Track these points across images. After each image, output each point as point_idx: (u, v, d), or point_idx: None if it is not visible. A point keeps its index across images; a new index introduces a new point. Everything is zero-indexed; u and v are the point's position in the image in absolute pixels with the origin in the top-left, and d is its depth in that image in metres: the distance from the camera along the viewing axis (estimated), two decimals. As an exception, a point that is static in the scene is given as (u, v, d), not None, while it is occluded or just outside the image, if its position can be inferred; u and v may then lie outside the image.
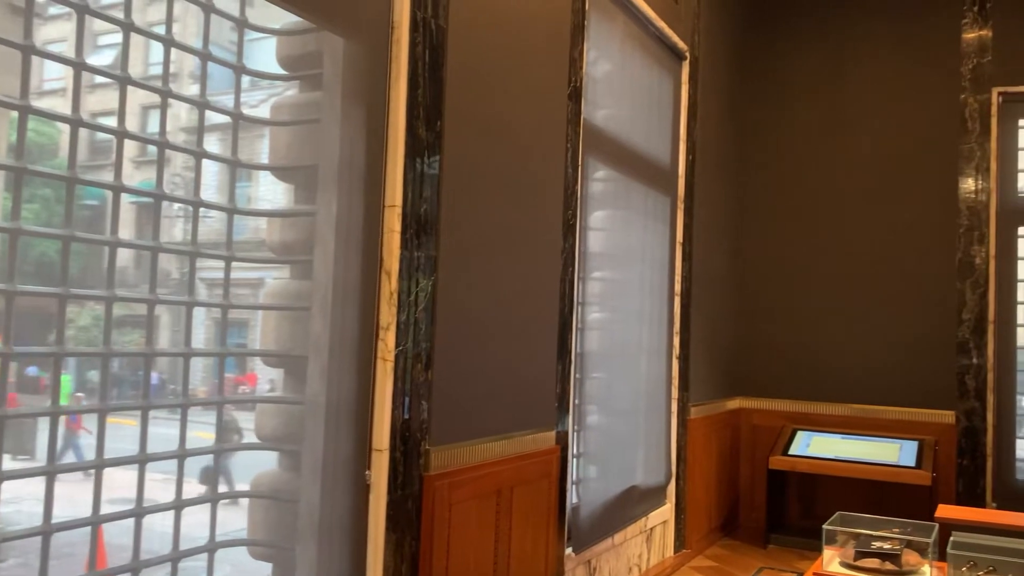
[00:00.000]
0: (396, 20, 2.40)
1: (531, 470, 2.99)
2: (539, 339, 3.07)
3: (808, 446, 4.70)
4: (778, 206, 5.20)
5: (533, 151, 3.01)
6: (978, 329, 4.62)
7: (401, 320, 2.37)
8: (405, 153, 2.39)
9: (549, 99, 3.12)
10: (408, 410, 2.39)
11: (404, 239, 2.38)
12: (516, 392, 2.92)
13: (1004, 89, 4.68)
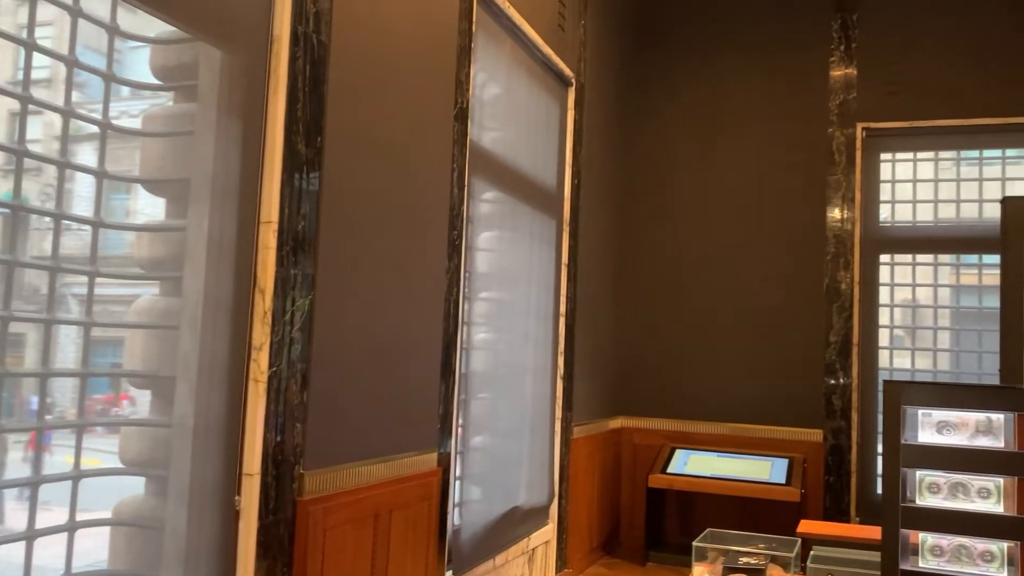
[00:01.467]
0: (276, 34, 2.35)
1: (411, 493, 2.94)
2: (422, 360, 3.04)
3: (686, 464, 4.82)
4: (658, 230, 5.36)
5: (418, 170, 3.00)
6: (843, 351, 4.87)
7: (275, 340, 2.30)
8: (283, 168, 2.33)
9: (435, 119, 3.11)
10: (281, 433, 2.32)
11: (280, 256, 2.32)
12: (397, 414, 2.88)
13: (868, 124, 4.97)
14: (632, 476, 5.15)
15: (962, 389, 2.00)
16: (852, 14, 5.02)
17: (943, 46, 4.87)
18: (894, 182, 5.07)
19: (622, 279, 5.40)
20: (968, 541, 2.00)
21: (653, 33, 5.49)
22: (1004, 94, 4.74)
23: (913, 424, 2.08)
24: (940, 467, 2.02)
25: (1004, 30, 4.77)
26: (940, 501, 2.03)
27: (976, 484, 2.00)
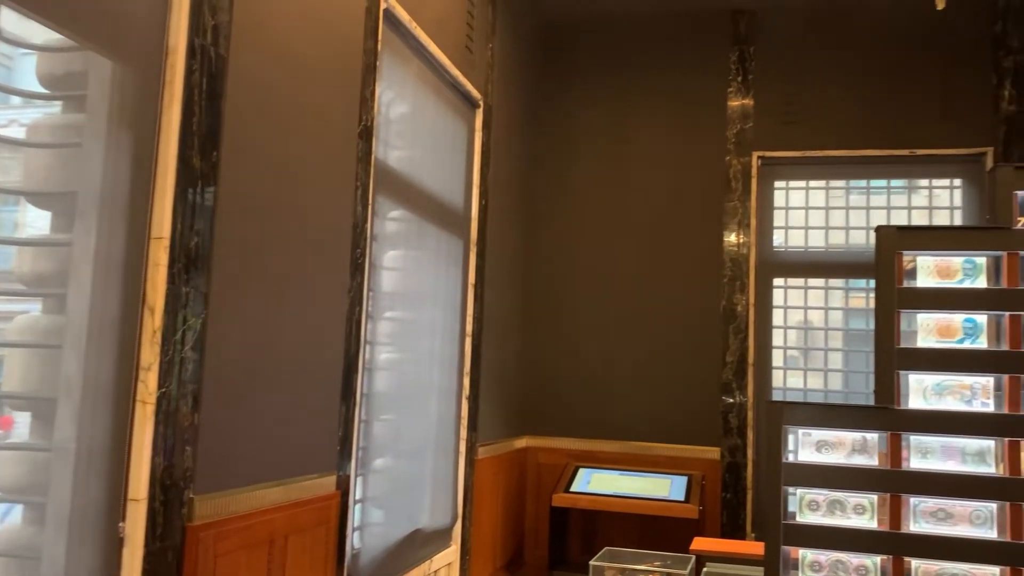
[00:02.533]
0: (171, 45, 2.30)
1: (308, 517, 2.88)
2: (321, 380, 3.00)
3: (589, 483, 4.88)
4: (564, 251, 5.43)
5: (320, 187, 2.96)
6: (739, 371, 5.03)
7: (165, 360, 2.23)
8: (176, 183, 2.27)
9: (339, 136, 3.09)
10: (170, 456, 2.25)
11: (171, 273, 2.25)
12: (294, 436, 2.82)
13: (763, 153, 5.18)
14: (537, 495, 5.18)
15: (838, 409, 2.09)
16: (749, 47, 5.23)
17: (833, 81, 5.12)
18: (787, 209, 5.28)
19: (529, 299, 5.45)
20: (844, 556, 2.09)
21: (560, 58, 5.59)
22: (887, 128, 5.01)
23: (794, 443, 2.16)
24: (819, 485, 2.11)
25: (887, 69, 5.05)
26: (819, 518, 2.12)
27: (852, 501, 2.10)
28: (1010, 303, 2.06)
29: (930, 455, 2.07)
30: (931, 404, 2.09)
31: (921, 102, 4.98)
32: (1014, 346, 2.05)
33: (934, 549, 2.02)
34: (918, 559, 2.04)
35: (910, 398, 2.10)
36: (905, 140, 4.97)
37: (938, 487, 2.04)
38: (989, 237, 2.08)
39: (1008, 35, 4.91)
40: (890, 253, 2.09)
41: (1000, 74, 4.90)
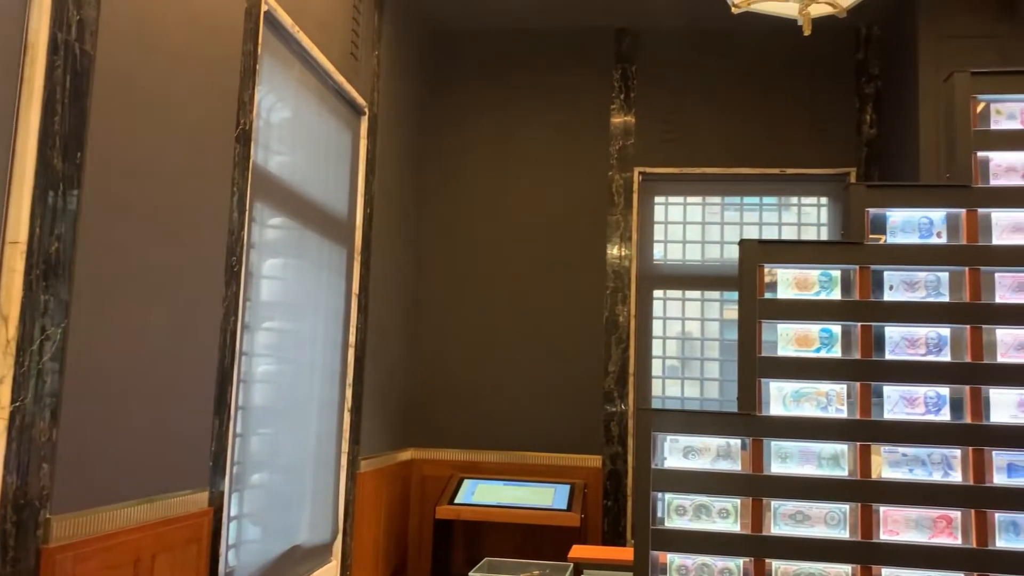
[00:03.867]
0: (31, 40, 2.18)
1: (177, 535, 2.77)
2: (193, 393, 2.89)
3: (473, 494, 4.88)
4: (451, 262, 5.44)
5: (193, 192, 2.86)
6: (621, 380, 5.14)
7: (20, 372, 2.10)
8: (35, 185, 2.15)
9: (214, 140, 3.00)
10: (24, 475, 2.12)
11: (28, 280, 2.13)
12: (163, 451, 2.71)
13: (644, 169, 5.33)
14: (421, 508, 5.14)
15: (704, 416, 2.17)
16: (631, 65, 5.38)
17: (710, 102, 5.33)
18: (667, 223, 5.45)
19: (415, 310, 5.42)
20: (710, 559, 2.16)
21: (447, 68, 5.61)
22: (760, 148, 5.24)
23: (662, 449, 2.23)
24: (686, 490, 2.18)
25: (760, 91, 5.29)
26: (686, 522, 2.19)
27: (717, 505, 2.17)
28: (862, 314, 2.19)
29: (789, 459, 2.17)
30: (790, 411, 2.20)
31: (791, 124, 5.24)
32: (865, 354, 2.17)
33: (792, 550, 2.12)
34: (778, 560, 2.13)
35: (771, 405, 2.20)
36: (776, 160, 5.21)
37: (796, 490, 2.14)
38: (843, 252, 2.21)
39: (869, 63, 5.23)
40: (752, 266, 2.19)
41: (862, 99, 5.22)
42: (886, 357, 2.17)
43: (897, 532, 2.12)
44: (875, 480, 2.13)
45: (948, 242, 2.19)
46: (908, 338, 2.17)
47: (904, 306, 2.17)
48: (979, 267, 2.15)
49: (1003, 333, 2.15)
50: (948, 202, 2.19)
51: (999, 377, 2.12)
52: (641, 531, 2.16)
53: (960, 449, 2.12)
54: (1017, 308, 2.14)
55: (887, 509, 2.13)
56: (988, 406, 2.12)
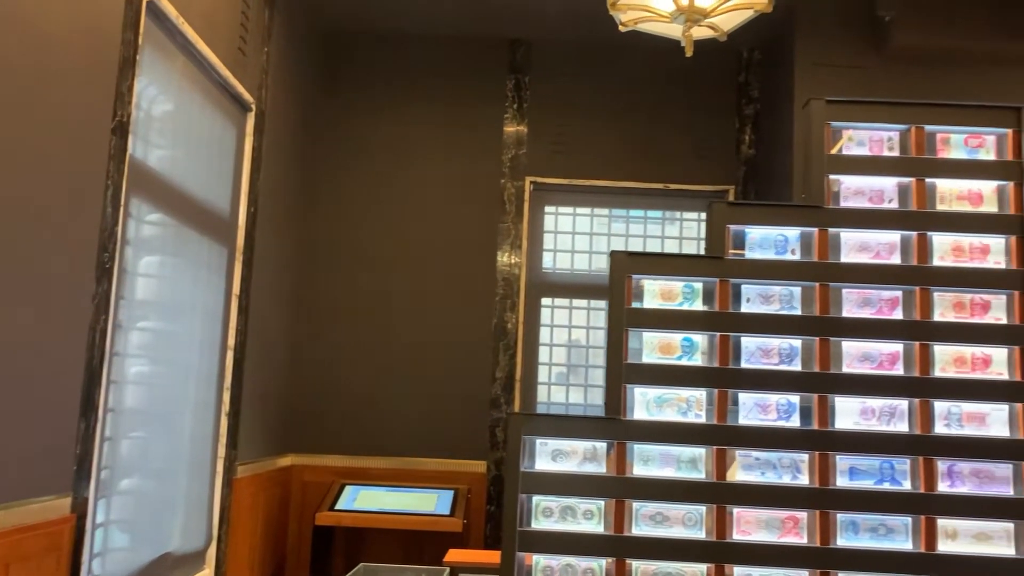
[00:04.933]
0: None
1: (34, 544, 2.64)
2: (56, 394, 2.76)
3: (355, 500, 4.83)
4: (339, 265, 5.38)
5: (63, 184, 2.75)
6: (508, 386, 5.20)
7: None
8: None
9: (88, 131, 2.88)
10: None
11: None
12: (20, 454, 2.58)
13: (535, 178, 5.42)
14: (300, 515, 5.06)
15: (572, 420, 2.24)
16: (524, 76, 5.46)
17: (599, 115, 5.46)
18: (556, 233, 5.55)
19: (299, 313, 5.33)
20: (574, 560, 2.22)
21: (341, 69, 5.56)
22: (646, 162, 5.41)
23: (532, 453, 2.28)
24: (553, 492, 2.23)
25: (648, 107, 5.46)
26: (552, 524, 2.24)
27: (582, 507, 2.24)
28: (720, 325, 2.30)
29: (651, 462, 2.26)
30: (653, 415, 2.28)
31: (676, 141, 5.42)
32: (723, 363, 2.28)
33: (652, 550, 2.20)
34: (638, 560, 2.21)
35: (635, 410, 2.28)
36: (661, 175, 5.38)
37: (657, 492, 2.22)
38: (705, 265, 2.32)
39: (750, 85, 5.47)
40: (621, 276, 2.27)
41: (742, 120, 5.45)
42: (742, 366, 2.29)
43: (749, 532, 2.23)
44: (730, 483, 2.24)
45: (801, 259, 2.33)
46: (763, 348, 2.29)
47: (759, 318, 2.29)
48: (828, 283, 2.30)
49: (848, 345, 2.30)
50: (802, 221, 2.33)
51: (844, 386, 2.27)
52: (508, 533, 2.20)
53: (808, 453, 2.25)
54: (862, 322, 2.29)
55: (740, 510, 2.24)
56: (834, 413, 2.27)
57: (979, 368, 2.27)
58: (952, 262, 2.32)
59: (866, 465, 2.24)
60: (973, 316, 2.30)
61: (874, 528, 2.22)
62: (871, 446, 2.23)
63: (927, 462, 2.22)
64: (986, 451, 2.22)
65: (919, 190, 2.33)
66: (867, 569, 2.19)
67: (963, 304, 2.30)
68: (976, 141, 2.35)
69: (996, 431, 2.25)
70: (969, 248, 2.32)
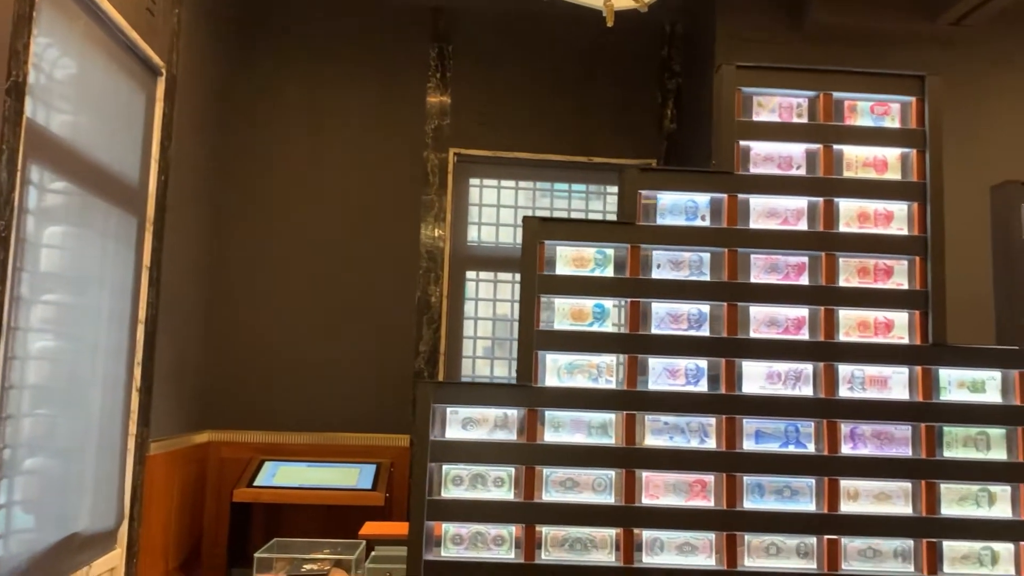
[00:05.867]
0: None
1: (-82, 522, 2.51)
2: (-60, 366, 2.61)
3: (274, 476, 4.74)
4: (256, 237, 5.23)
5: (-59, 146, 2.58)
6: (432, 360, 5.15)
7: None
8: None
9: (-25, 90, 2.71)
10: None
11: None
12: (-102, 429, 2.44)
13: (459, 150, 5.35)
14: (218, 492, 4.94)
15: (482, 387, 2.21)
16: (448, 45, 5.38)
17: (523, 88, 5.41)
18: (481, 206, 5.50)
19: (215, 286, 5.17)
20: (483, 527, 2.20)
21: (258, 34, 5.38)
22: (570, 136, 5.39)
23: (443, 421, 2.25)
24: (463, 460, 2.21)
25: (572, 80, 5.43)
26: (462, 492, 2.22)
27: (492, 474, 2.22)
28: (631, 291, 2.29)
29: (561, 429, 2.25)
30: (564, 382, 2.27)
31: (600, 114, 5.41)
32: (633, 329, 2.28)
33: (561, 516, 2.20)
34: (548, 526, 2.20)
35: (546, 376, 2.27)
36: (585, 148, 5.37)
37: (567, 458, 2.22)
38: (616, 231, 2.31)
39: (672, 60, 5.49)
40: (533, 242, 2.24)
41: (664, 95, 5.47)
42: (652, 332, 2.29)
43: (657, 496, 2.25)
44: (639, 447, 2.24)
45: (711, 225, 2.34)
46: (672, 314, 2.30)
47: (669, 284, 2.30)
48: (737, 249, 2.31)
49: (756, 310, 2.32)
50: (712, 187, 2.34)
51: (751, 351, 2.29)
52: (417, 502, 2.17)
53: (715, 418, 2.27)
54: (769, 287, 2.32)
55: (649, 475, 2.25)
56: (741, 378, 2.29)
57: (882, 332, 2.32)
58: (857, 228, 2.36)
59: (772, 428, 2.27)
60: (877, 281, 2.35)
61: (779, 490, 2.25)
62: (777, 410, 2.26)
63: (831, 425, 2.27)
64: (887, 413, 2.28)
65: (826, 157, 2.36)
66: (772, 530, 2.23)
67: (867, 269, 2.34)
68: (882, 109, 2.39)
69: (897, 394, 2.31)
70: (874, 214, 2.36)
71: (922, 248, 2.33)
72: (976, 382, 2.31)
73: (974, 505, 2.27)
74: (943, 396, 2.31)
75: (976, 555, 2.25)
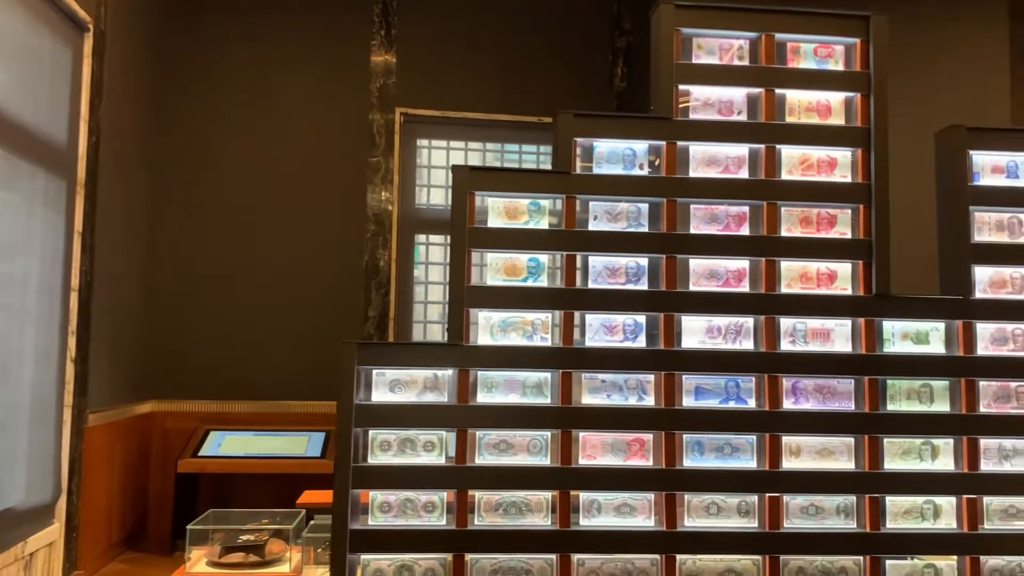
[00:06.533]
0: None
1: None
2: None
3: (220, 446, 4.62)
4: (197, 201, 5.05)
5: None
6: (381, 325, 5.04)
7: None
8: None
9: None
10: None
11: None
12: None
13: (406, 110, 5.19)
14: (162, 463, 4.81)
15: (410, 347, 2.11)
16: (392, 0, 5.19)
17: (473, 46, 5.25)
18: (430, 167, 5.36)
19: (154, 252, 4.98)
20: (413, 494, 2.11)
21: (196, -8, 5.15)
22: (520, 96, 5.24)
23: (369, 384, 2.14)
24: (391, 425, 2.11)
25: (521, 39, 5.28)
26: (390, 458, 2.12)
27: (422, 438, 2.12)
28: (566, 244, 2.19)
29: (495, 389, 2.15)
30: (497, 340, 2.17)
31: (550, 73, 5.27)
32: (569, 284, 2.19)
33: (496, 479, 2.11)
34: (481, 491, 2.11)
35: (479, 335, 2.17)
36: (536, 108, 5.23)
37: (501, 419, 2.13)
38: (551, 180, 2.20)
39: (623, 17, 5.35)
40: (463, 192, 2.13)
41: (615, 53, 5.34)
42: (589, 286, 2.20)
43: (595, 456, 2.17)
44: (575, 407, 2.16)
45: (649, 174, 2.24)
46: (609, 267, 2.21)
47: (606, 236, 2.20)
48: (676, 198, 2.22)
49: (695, 263, 2.23)
50: (650, 134, 2.23)
51: (691, 304, 2.20)
52: (342, 469, 2.07)
53: (654, 374, 2.19)
54: (709, 238, 2.23)
55: (586, 435, 2.17)
56: (680, 332, 2.21)
57: (824, 283, 2.25)
58: (800, 176, 2.27)
59: (712, 384, 2.20)
60: (819, 231, 2.27)
61: (720, 448, 2.18)
62: (717, 365, 2.19)
63: (772, 380, 2.19)
64: (830, 366, 2.21)
65: (768, 101, 2.26)
66: (712, 489, 2.16)
67: (810, 219, 2.26)
68: (825, 51, 2.29)
69: (840, 346, 2.24)
70: (817, 162, 2.28)
71: (866, 196, 2.25)
72: (920, 333, 2.25)
73: (917, 459, 2.22)
74: (887, 348, 2.25)
75: (919, 509, 2.21)
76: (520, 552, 2.10)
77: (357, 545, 2.05)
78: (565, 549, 2.11)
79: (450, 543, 2.08)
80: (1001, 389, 2.27)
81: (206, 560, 2.79)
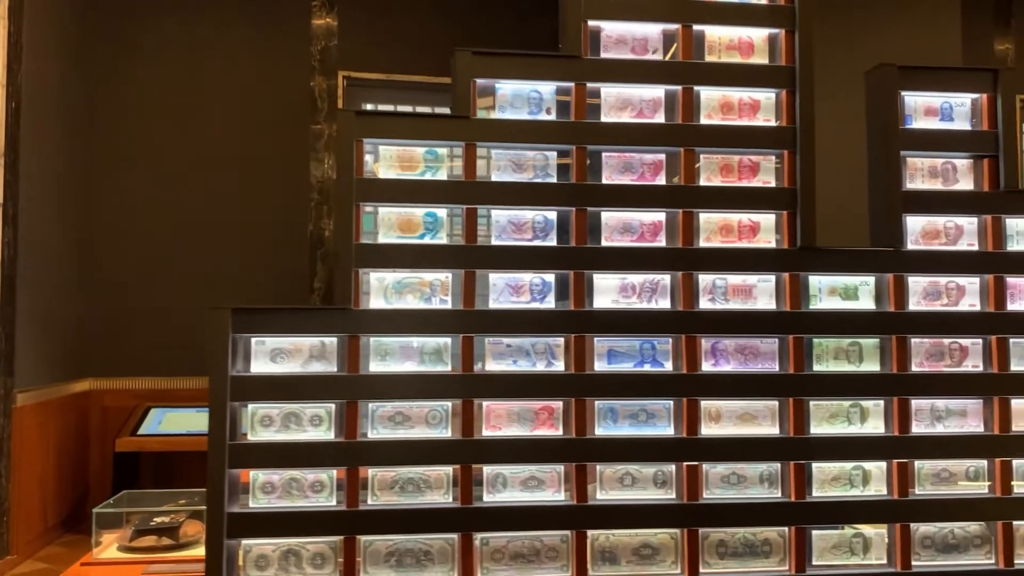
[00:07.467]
0: None
1: None
2: None
3: (160, 423, 4.46)
4: (132, 171, 4.85)
5: None
6: (328, 297, 4.86)
7: None
8: None
9: None
10: None
11: None
12: None
13: (349, 73, 4.97)
14: (101, 442, 4.65)
15: (291, 313, 1.93)
16: (332, -43, 4.96)
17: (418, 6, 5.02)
18: (379, 132, 5.15)
19: (88, 224, 4.78)
20: (299, 473, 1.95)
21: (128, -49, 4.91)
22: (470, 52, 5.02)
23: (248, 354, 1.97)
24: (272, 398, 1.94)
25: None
26: (273, 435, 1.96)
27: (309, 412, 1.96)
28: (468, 196, 2.02)
29: (389, 357, 1.99)
30: (392, 303, 2.01)
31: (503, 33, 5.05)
32: (470, 240, 2.01)
33: (391, 455, 1.95)
34: (374, 467, 1.95)
35: (371, 298, 2.00)
36: (487, 67, 5.01)
37: (398, 390, 1.96)
38: (449, 127, 2.02)
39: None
40: (350, 139, 1.95)
41: (571, 7, 5.12)
42: (492, 243, 2.02)
43: (499, 427, 2.01)
44: (478, 374, 2.00)
45: (557, 119, 2.06)
46: (514, 222, 2.03)
47: (510, 187, 2.02)
48: (586, 145, 2.04)
49: (608, 216, 2.06)
50: (558, 75, 2.05)
51: (603, 261, 2.03)
52: (216, 448, 1.90)
53: (563, 337, 2.02)
54: (622, 188, 2.05)
55: (490, 404, 2.00)
56: (591, 292, 2.04)
57: (746, 236, 2.08)
58: (720, 120, 2.09)
59: (626, 347, 2.03)
60: (741, 180, 2.10)
61: (634, 414, 2.02)
62: (631, 326, 2.02)
63: (690, 340, 2.03)
64: (752, 325, 2.05)
65: (685, 38, 2.08)
66: (627, 459, 2.01)
67: (731, 167, 2.09)
68: (747, -16, 2.11)
69: (763, 304, 2.08)
70: (738, 104, 2.10)
71: (791, 142, 2.07)
72: (848, 288, 2.09)
73: (845, 422, 2.07)
74: (813, 305, 2.08)
75: (847, 475, 2.06)
76: (418, 532, 1.94)
77: (236, 530, 1.89)
78: (468, 528, 1.96)
79: (341, 525, 1.92)
80: (934, 346, 2.12)
81: (117, 545, 2.63)
